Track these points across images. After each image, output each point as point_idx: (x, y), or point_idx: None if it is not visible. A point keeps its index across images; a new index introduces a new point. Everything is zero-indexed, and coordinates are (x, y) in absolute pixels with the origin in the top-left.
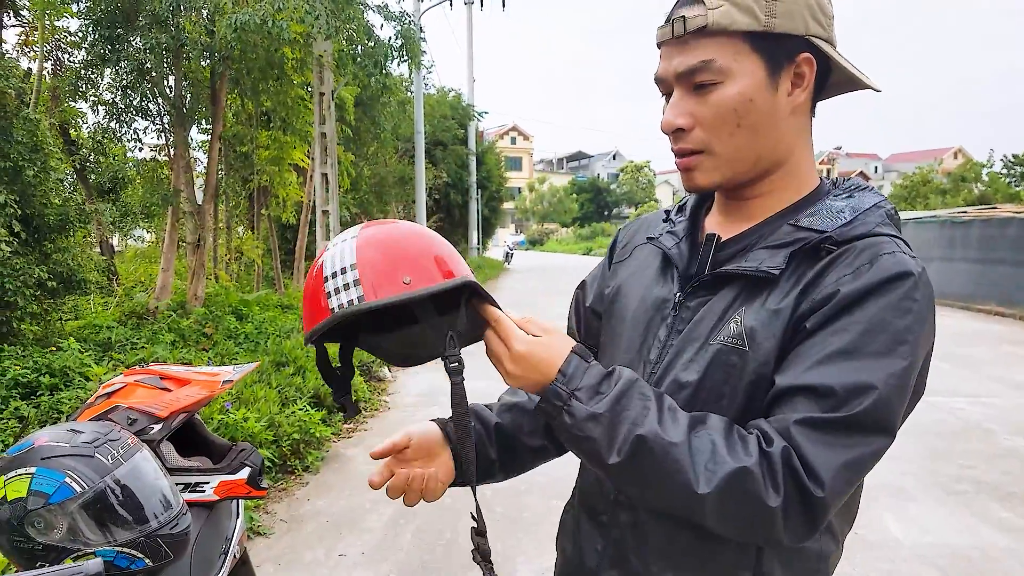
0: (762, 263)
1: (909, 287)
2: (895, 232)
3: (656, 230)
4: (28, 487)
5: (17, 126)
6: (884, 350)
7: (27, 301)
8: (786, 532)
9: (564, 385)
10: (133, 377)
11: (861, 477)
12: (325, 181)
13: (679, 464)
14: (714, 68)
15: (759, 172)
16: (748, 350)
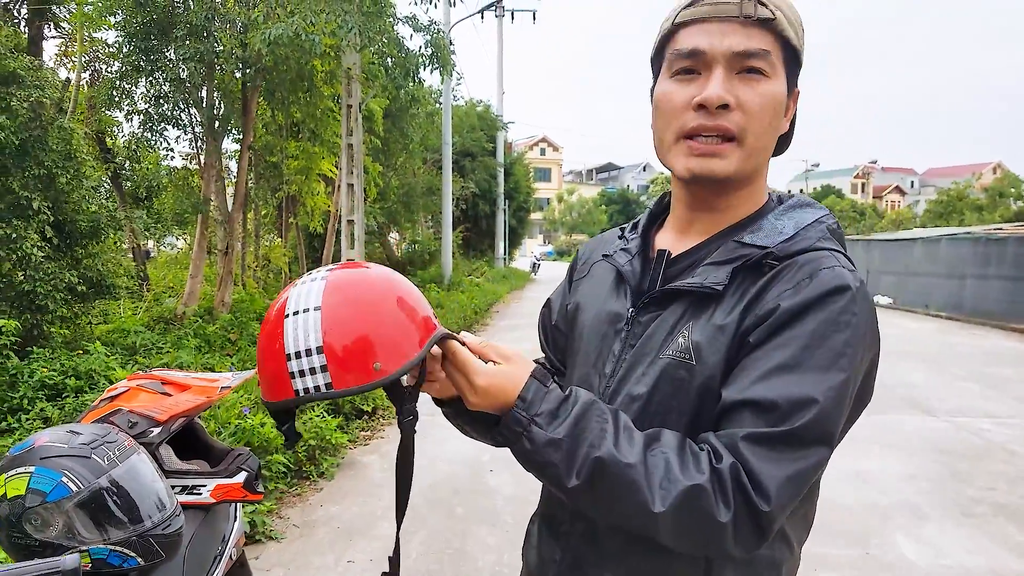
0: (707, 279)
1: (847, 301)
2: (836, 247)
3: (611, 247)
4: (27, 485)
5: (52, 135)
6: (824, 364)
7: (57, 305)
8: (736, 545)
9: (524, 411)
10: (136, 382)
11: (805, 488)
12: (351, 191)
13: (635, 484)
14: (769, 60)
15: (748, 179)
16: (695, 364)
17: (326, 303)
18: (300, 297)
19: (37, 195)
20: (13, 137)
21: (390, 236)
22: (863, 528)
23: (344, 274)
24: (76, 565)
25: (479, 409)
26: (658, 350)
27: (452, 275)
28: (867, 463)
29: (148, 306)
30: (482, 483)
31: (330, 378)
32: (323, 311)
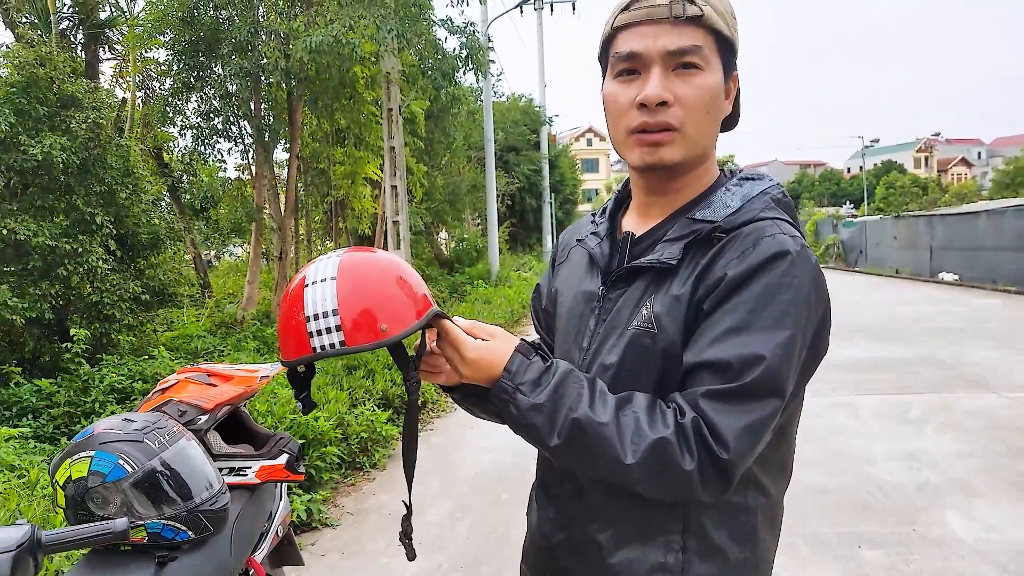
0: (663, 255)
1: (788, 264)
2: (780, 215)
3: (584, 232)
4: (88, 468)
5: (111, 153)
6: (770, 324)
7: (123, 314)
8: (703, 490)
9: (509, 381)
10: (185, 375)
11: (763, 437)
12: (395, 193)
13: (609, 440)
14: (701, 54)
15: (696, 161)
16: (657, 332)
17: (340, 275)
18: (318, 270)
19: (100, 211)
20: (74, 157)
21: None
22: (911, 506)
23: (355, 254)
24: (125, 527)
25: (471, 381)
26: (626, 323)
27: (499, 271)
28: (920, 443)
29: (210, 312)
30: (527, 471)
31: (343, 336)
32: (338, 280)
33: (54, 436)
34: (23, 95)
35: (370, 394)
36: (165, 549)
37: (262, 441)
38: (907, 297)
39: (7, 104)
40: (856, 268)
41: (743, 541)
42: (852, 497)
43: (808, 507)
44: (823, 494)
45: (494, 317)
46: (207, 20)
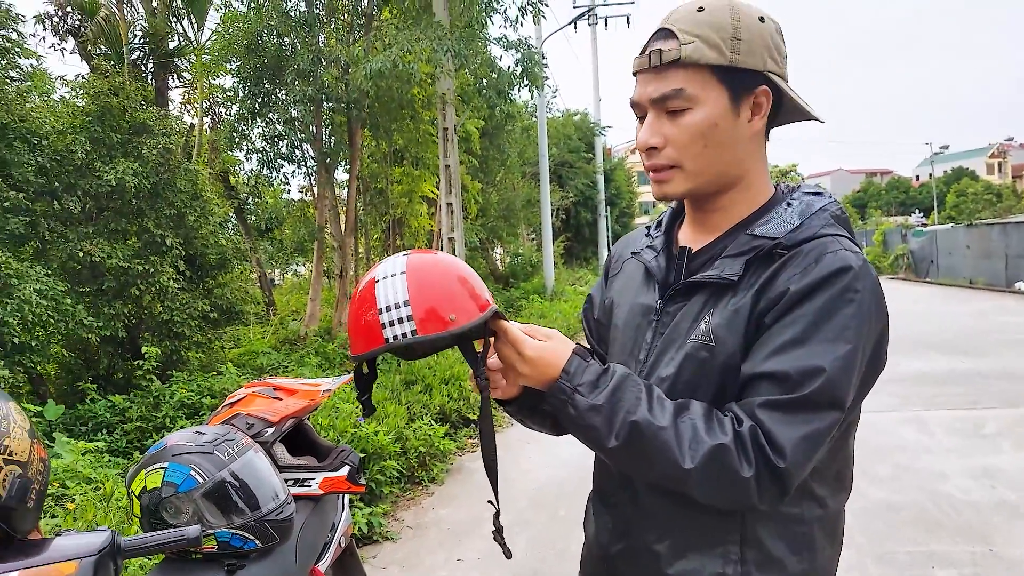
0: (723, 271)
1: (850, 279)
2: (839, 231)
3: (639, 245)
4: (162, 478)
5: (180, 177)
6: (831, 337)
7: (193, 332)
8: (760, 498)
9: (568, 381)
10: (252, 389)
11: (820, 447)
12: (450, 210)
13: (667, 444)
14: (684, 96)
15: (720, 186)
16: (715, 345)
17: (409, 270)
18: (387, 268)
19: (170, 233)
20: (146, 181)
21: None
22: (987, 525)
23: (420, 254)
24: (198, 534)
25: (528, 382)
26: (684, 336)
27: (555, 285)
28: (995, 459)
29: (274, 329)
30: (585, 485)
31: (415, 325)
32: (407, 275)
33: (127, 450)
34: (98, 123)
35: (428, 409)
36: (233, 557)
37: (325, 453)
38: (981, 308)
39: (83, 132)
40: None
41: (801, 551)
42: (924, 515)
43: (878, 525)
44: (894, 512)
45: None
46: (271, 47)
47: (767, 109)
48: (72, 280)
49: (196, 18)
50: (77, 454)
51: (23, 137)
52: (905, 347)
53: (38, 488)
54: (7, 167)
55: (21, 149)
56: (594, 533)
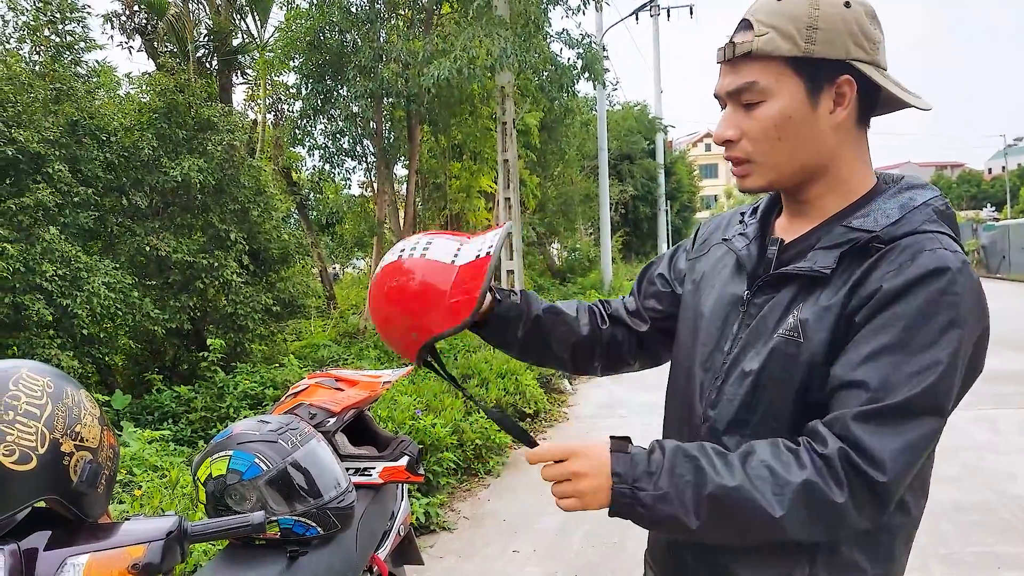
0: (816, 263)
1: (947, 281)
2: (942, 228)
3: (731, 231)
4: (227, 466)
5: (244, 173)
6: (929, 341)
7: (256, 324)
8: (860, 519)
9: (623, 483)
10: (315, 380)
11: (921, 458)
12: (508, 205)
13: (751, 501)
14: (757, 88)
15: (803, 178)
16: (803, 341)
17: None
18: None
19: (234, 227)
20: (211, 177)
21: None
22: None
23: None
24: (263, 520)
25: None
26: (771, 330)
27: (612, 280)
28: None
29: (335, 323)
30: None
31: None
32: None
33: (192, 439)
34: (164, 120)
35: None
36: (296, 544)
37: (384, 444)
38: None
39: (150, 129)
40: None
41: (880, 560)
42: (992, 516)
43: (944, 526)
44: (961, 512)
45: None
46: (332, 44)
47: (851, 99)
48: (139, 274)
49: (260, 15)
50: (144, 442)
51: (92, 133)
52: None
53: (108, 474)
54: (77, 163)
55: (91, 145)
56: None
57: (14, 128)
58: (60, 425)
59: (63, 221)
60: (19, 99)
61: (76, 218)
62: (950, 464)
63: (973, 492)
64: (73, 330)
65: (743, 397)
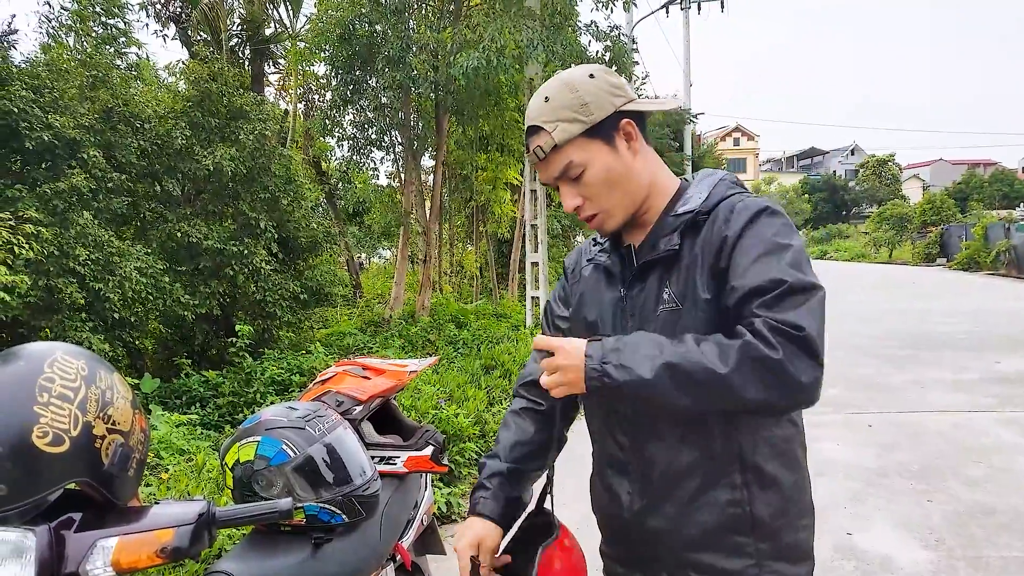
0: (666, 246)
1: (766, 212)
2: (740, 190)
3: (592, 253)
4: (255, 452)
5: (275, 162)
6: (778, 246)
7: (284, 312)
8: (799, 373)
9: (592, 363)
10: (342, 368)
11: (822, 319)
12: (534, 197)
13: (700, 363)
14: (575, 164)
15: (640, 202)
16: (681, 307)
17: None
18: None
19: (264, 216)
20: (242, 166)
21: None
22: None
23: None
24: (290, 507)
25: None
26: (653, 310)
27: None
28: None
29: (360, 311)
30: None
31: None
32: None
33: (219, 424)
34: (197, 108)
35: (506, 393)
36: (321, 531)
37: (409, 433)
38: None
39: (183, 117)
40: None
41: (790, 467)
42: (1021, 519)
43: (972, 529)
44: (989, 515)
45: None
46: (362, 35)
47: (636, 132)
48: (170, 259)
49: (292, 5)
50: (171, 426)
51: (127, 120)
52: (1006, 346)
53: (139, 457)
54: (112, 149)
55: (125, 132)
56: (609, 502)
57: (51, 114)
58: (93, 408)
59: (97, 206)
60: (56, 86)
61: (109, 203)
62: (978, 466)
63: (1001, 495)
64: (104, 314)
65: None
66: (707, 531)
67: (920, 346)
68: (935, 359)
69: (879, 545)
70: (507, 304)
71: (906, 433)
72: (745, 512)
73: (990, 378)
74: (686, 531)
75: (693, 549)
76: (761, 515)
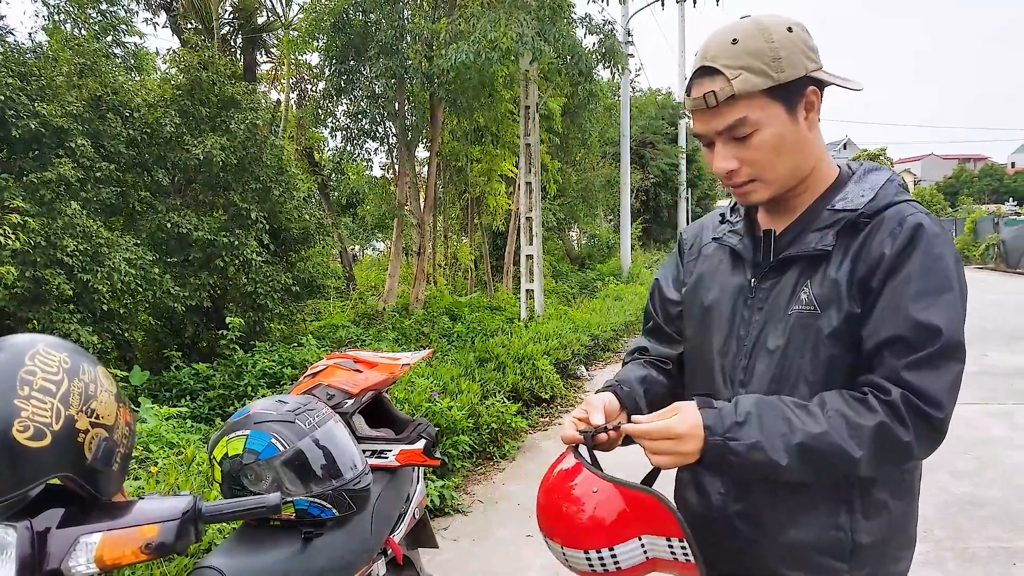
0: (816, 243)
1: (934, 236)
2: (909, 197)
3: (719, 231)
4: (244, 445)
5: (266, 152)
6: (939, 289)
7: (275, 304)
8: (921, 452)
9: (716, 436)
10: (333, 360)
11: (959, 389)
12: (529, 189)
13: (834, 445)
14: (748, 122)
15: (797, 181)
16: (820, 313)
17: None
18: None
19: (255, 207)
20: (233, 156)
21: (570, 232)
22: None
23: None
24: (278, 502)
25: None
26: (785, 308)
27: (631, 267)
28: None
29: (353, 304)
30: None
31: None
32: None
33: (209, 416)
34: (187, 97)
35: (500, 387)
36: (311, 526)
37: (402, 426)
38: None
39: (173, 105)
40: (1019, 270)
41: (903, 496)
42: (1008, 511)
43: (960, 520)
44: (977, 506)
45: (625, 314)
46: (356, 24)
47: (819, 103)
48: (160, 250)
49: None
50: (161, 419)
51: (116, 109)
52: (996, 339)
53: (123, 452)
54: (100, 138)
55: (114, 121)
56: (699, 500)
57: (38, 102)
58: (76, 402)
59: (85, 196)
60: (44, 72)
61: (98, 193)
62: (966, 458)
63: (989, 487)
64: (93, 305)
65: (773, 371)
66: (802, 548)
67: None
68: None
69: None
70: (501, 297)
71: None
72: (847, 537)
73: (978, 371)
74: (780, 544)
75: (783, 564)
76: (863, 542)
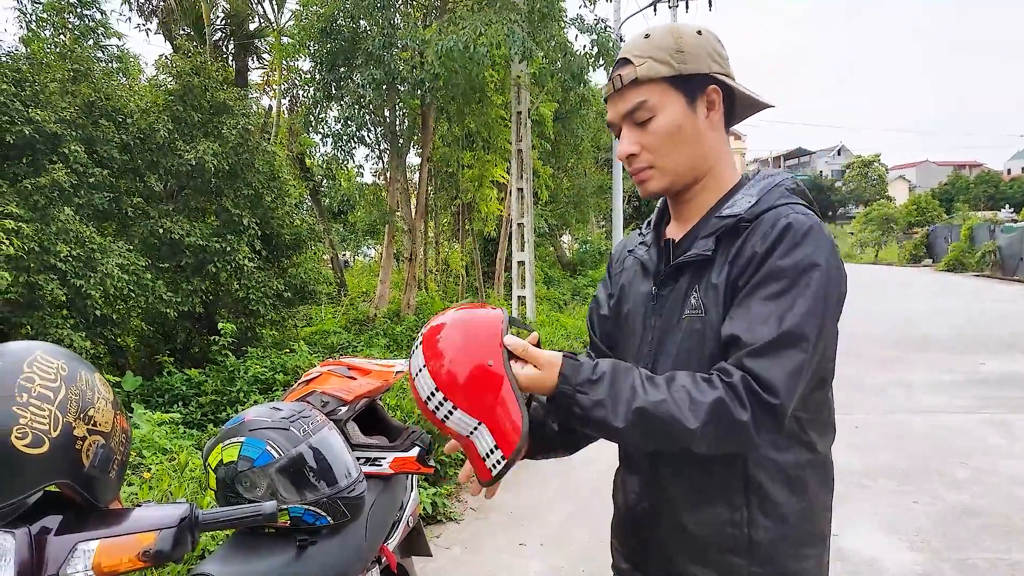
0: (700, 249)
1: (801, 234)
2: (794, 200)
3: (634, 243)
4: (238, 452)
5: (258, 158)
6: (792, 284)
7: (267, 310)
8: (759, 436)
9: (567, 384)
10: (327, 367)
11: (802, 381)
12: (521, 195)
13: (671, 414)
14: (647, 106)
15: (693, 179)
16: (705, 316)
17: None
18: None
19: (247, 212)
20: (225, 162)
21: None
22: None
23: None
24: (274, 509)
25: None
26: (679, 313)
27: None
28: None
29: (345, 310)
30: None
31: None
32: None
33: (201, 422)
34: (180, 103)
35: None
36: (305, 533)
37: (395, 433)
38: None
39: (166, 111)
40: (1015, 277)
41: (797, 493)
42: (1005, 521)
43: (956, 530)
44: (973, 516)
45: None
46: (345, 31)
47: (719, 103)
48: (152, 256)
49: None
50: (153, 425)
51: (109, 115)
52: (991, 347)
53: (120, 459)
54: (93, 144)
55: (107, 127)
56: (623, 500)
57: (31, 108)
58: (73, 409)
59: (78, 202)
60: (37, 79)
61: (91, 199)
62: (962, 468)
63: (986, 497)
64: (86, 311)
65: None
66: (702, 546)
67: (905, 347)
68: (920, 360)
69: (865, 547)
70: (493, 303)
71: (892, 434)
72: (743, 534)
73: (975, 379)
74: (681, 541)
75: (686, 560)
76: (759, 539)
